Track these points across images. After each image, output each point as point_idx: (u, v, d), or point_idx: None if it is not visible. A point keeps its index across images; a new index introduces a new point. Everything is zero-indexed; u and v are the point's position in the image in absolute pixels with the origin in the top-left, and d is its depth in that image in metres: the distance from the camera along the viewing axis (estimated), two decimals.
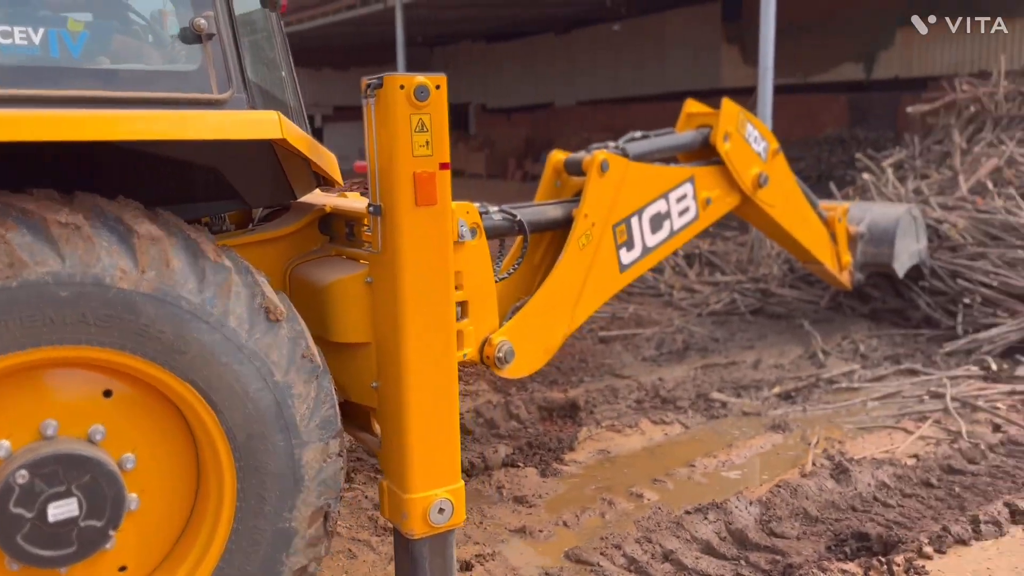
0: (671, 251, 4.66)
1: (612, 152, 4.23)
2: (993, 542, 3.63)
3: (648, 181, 4.37)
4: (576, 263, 3.89)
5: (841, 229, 6.28)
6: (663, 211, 4.47)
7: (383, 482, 2.65)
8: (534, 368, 3.78)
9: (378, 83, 2.41)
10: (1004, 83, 10.51)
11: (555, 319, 3.81)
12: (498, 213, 3.67)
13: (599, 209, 4.00)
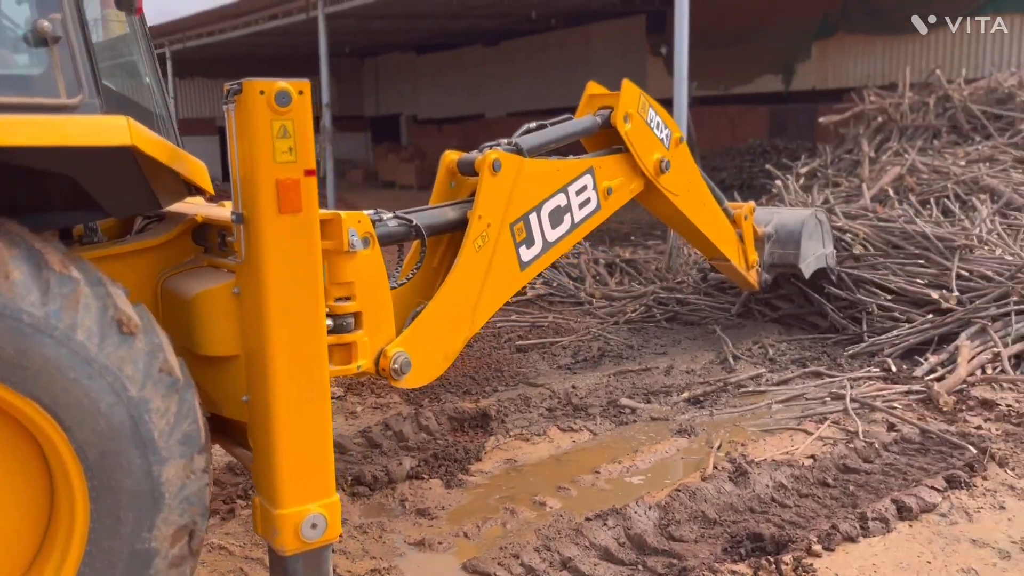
0: (574, 243, 4.61)
1: (505, 150, 4.15)
2: (880, 539, 3.72)
3: (545, 176, 4.30)
4: (473, 266, 3.83)
5: (748, 227, 6.34)
6: (563, 205, 4.39)
7: (255, 498, 2.58)
8: (434, 376, 3.74)
9: (237, 88, 2.35)
10: (909, 94, 10.90)
11: (454, 324, 3.76)
12: (393, 219, 3.62)
13: (494, 209, 3.93)
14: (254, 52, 26.08)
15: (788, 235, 6.61)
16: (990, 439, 4.70)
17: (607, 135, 5.01)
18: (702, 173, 5.76)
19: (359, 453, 4.89)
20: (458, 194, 4.21)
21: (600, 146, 5.05)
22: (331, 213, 3.06)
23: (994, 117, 10.11)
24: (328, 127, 18.36)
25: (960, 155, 9.37)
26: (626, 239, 12.84)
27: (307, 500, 2.49)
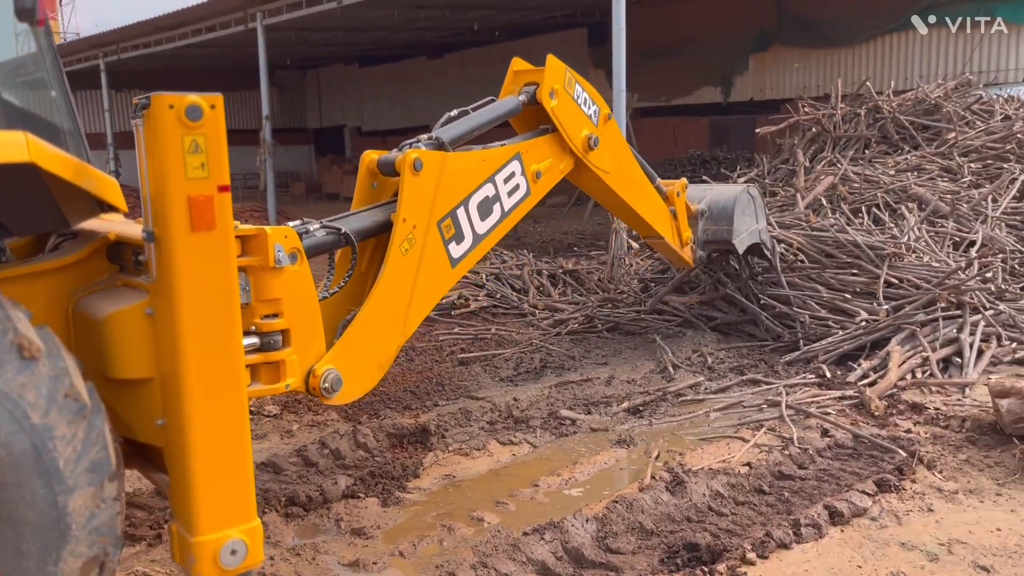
0: (506, 231, 4.50)
1: (426, 146, 4.03)
2: (813, 544, 3.76)
3: (470, 169, 4.17)
4: (401, 271, 3.72)
5: (681, 204, 6.32)
6: (491, 195, 4.27)
7: (172, 525, 2.49)
8: (368, 387, 3.66)
9: (146, 103, 2.28)
10: (841, 105, 11.15)
11: (386, 332, 3.67)
12: (321, 229, 3.55)
13: (418, 211, 3.81)
14: (192, 64, 25.66)
15: (721, 211, 6.61)
16: (919, 442, 4.79)
17: (534, 114, 4.88)
18: (633, 151, 5.69)
19: (294, 473, 4.79)
20: (381, 195, 4.08)
21: (528, 126, 4.94)
22: (256, 228, 2.99)
23: (922, 127, 10.41)
24: (269, 140, 18.13)
25: (890, 164, 9.62)
26: (569, 250, 12.91)
27: (226, 525, 2.42)
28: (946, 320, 6.41)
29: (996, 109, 10.77)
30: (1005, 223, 8.46)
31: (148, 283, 2.46)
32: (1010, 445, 4.60)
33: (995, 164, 9.51)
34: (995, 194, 8.75)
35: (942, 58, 15.84)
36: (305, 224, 3.55)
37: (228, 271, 2.38)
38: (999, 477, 4.38)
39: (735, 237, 6.59)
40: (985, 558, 3.59)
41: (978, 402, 5.39)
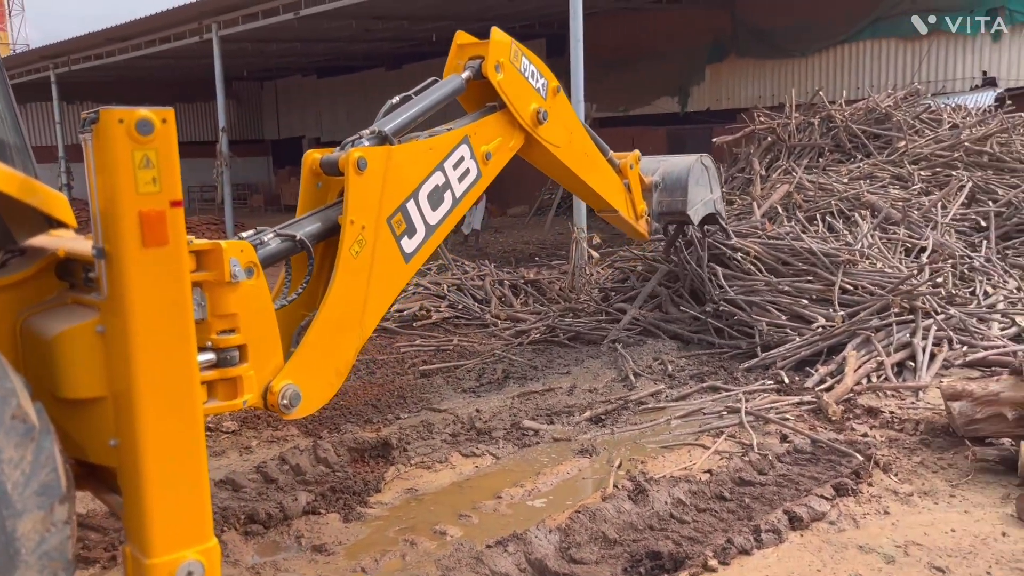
0: (460, 217, 4.38)
1: (369, 142, 3.90)
2: (773, 549, 3.79)
3: (418, 159, 4.03)
4: (353, 274, 3.61)
5: (634, 177, 6.24)
6: (441, 183, 4.15)
7: (125, 548, 2.44)
8: (328, 397, 3.59)
9: (94, 117, 2.24)
10: (795, 115, 11.36)
11: (342, 338, 3.57)
12: (275, 237, 3.48)
13: (366, 211, 3.68)
14: (146, 75, 25.30)
15: (675, 182, 6.59)
16: (875, 446, 4.87)
17: (480, 89, 4.73)
18: (584, 123, 5.60)
19: (253, 490, 4.71)
20: (327, 195, 3.95)
21: (475, 102, 4.79)
22: (211, 243, 2.94)
23: (873, 136, 10.64)
24: (225, 151, 17.93)
25: (843, 172, 9.81)
26: (530, 260, 12.95)
27: (182, 547, 2.36)
28: (899, 325, 6.54)
29: (944, 118, 11.05)
30: (954, 229, 8.67)
31: (99, 300, 2.41)
32: (962, 447, 4.69)
33: (944, 172, 9.75)
34: (944, 201, 8.96)
35: (891, 68, 16.21)
36: (259, 234, 3.48)
37: (181, 287, 2.34)
38: (952, 479, 4.47)
39: (690, 208, 6.59)
40: (940, 559, 3.65)
41: (931, 405, 5.50)
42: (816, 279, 7.25)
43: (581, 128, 5.51)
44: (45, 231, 2.66)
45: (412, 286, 10.00)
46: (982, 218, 8.84)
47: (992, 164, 9.99)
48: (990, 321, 6.99)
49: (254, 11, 16.34)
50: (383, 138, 4.00)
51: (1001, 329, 6.89)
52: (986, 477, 4.46)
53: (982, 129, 10.52)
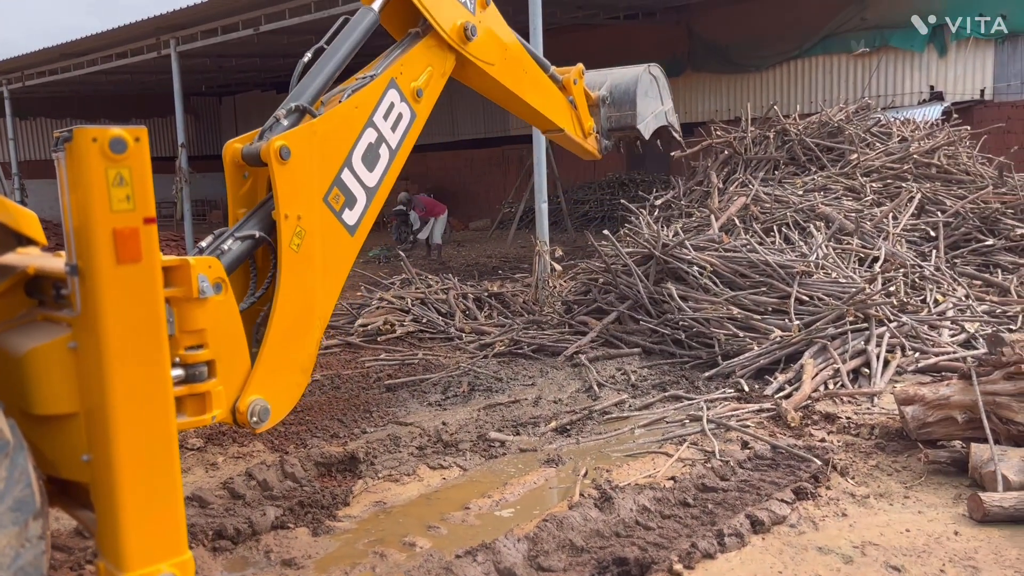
0: (400, 167, 4.15)
1: (288, 121, 3.67)
2: (736, 553, 3.89)
3: (345, 123, 3.77)
4: (299, 270, 3.48)
5: (579, 93, 5.98)
6: (374, 140, 3.90)
7: (100, 563, 2.45)
8: (296, 398, 3.59)
9: (68, 136, 2.27)
10: (751, 128, 11.60)
11: (300, 335, 3.51)
12: (235, 242, 3.45)
13: (299, 200, 3.49)
14: (103, 91, 24.98)
15: (623, 95, 6.35)
16: (832, 450, 5.01)
17: (401, 10, 4.41)
18: (520, 39, 5.31)
19: (221, 506, 4.70)
20: (257, 185, 3.76)
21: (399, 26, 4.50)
22: (179, 259, 2.97)
23: (826, 149, 10.91)
24: (184, 167, 17.76)
25: (798, 184, 10.05)
26: (494, 273, 13.03)
27: (156, 560, 2.38)
28: (854, 333, 6.73)
29: (894, 131, 11.37)
30: (905, 239, 8.93)
31: (71, 317, 2.43)
32: (915, 450, 4.85)
33: (894, 183, 10.03)
34: (895, 212, 9.23)
35: (843, 83, 16.64)
36: (217, 240, 3.47)
37: (155, 303, 2.37)
38: (906, 480, 4.62)
39: (640, 122, 6.36)
40: (896, 558, 3.78)
41: (885, 410, 5.67)
42: (773, 290, 7.43)
43: (516, 43, 5.20)
44: (13, 248, 2.67)
45: (375, 300, 10.03)
46: (931, 228, 9.12)
47: (940, 176, 10.31)
48: (941, 328, 7.22)
49: (213, 27, 16.26)
50: (302, 112, 3.74)
51: (951, 336, 7.12)
52: (938, 478, 4.62)
53: (930, 142, 10.85)
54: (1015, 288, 8.23)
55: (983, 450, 4.44)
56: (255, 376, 3.30)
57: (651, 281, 8.01)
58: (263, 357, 3.34)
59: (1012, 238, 9.02)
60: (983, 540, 3.91)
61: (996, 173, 10.35)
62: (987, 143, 11.81)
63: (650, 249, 8.16)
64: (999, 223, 9.21)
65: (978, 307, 7.73)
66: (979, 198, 9.46)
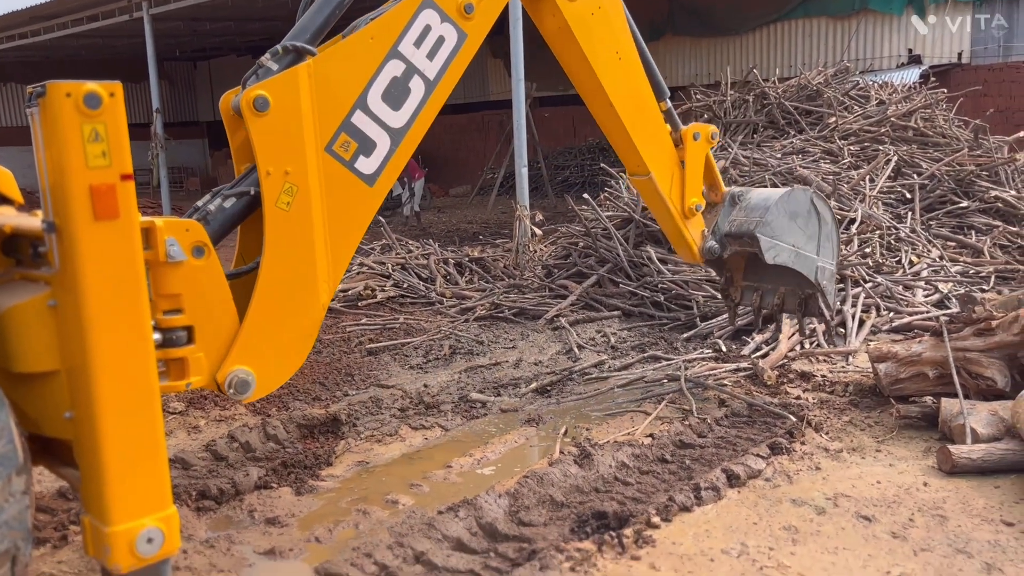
0: (442, 102, 3.59)
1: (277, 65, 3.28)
2: (712, 506, 3.98)
3: (356, 59, 3.30)
4: (290, 231, 3.18)
5: (695, 154, 4.79)
6: (400, 73, 3.40)
7: (85, 518, 2.47)
8: (297, 364, 3.38)
9: (41, 91, 2.25)
10: (731, 92, 11.60)
11: (296, 300, 3.24)
12: (227, 199, 3.21)
13: (283, 155, 3.15)
14: (74, 55, 24.52)
15: (760, 201, 4.89)
16: (807, 407, 5.11)
17: None
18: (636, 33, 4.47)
19: (204, 467, 4.73)
20: None
21: None
22: (146, 221, 2.79)
23: (805, 112, 10.94)
24: (160, 133, 17.53)
25: (777, 148, 10.09)
26: (474, 238, 13.03)
27: (141, 514, 2.41)
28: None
29: (872, 94, 11.42)
30: (881, 201, 9.02)
31: (50, 275, 2.42)
32: (888, 405, 4.96)
33: (872, 146, 10.09)
34: (872, 174, 9.30)
35: (822, 46, 16.64)
36: (215, 196, 3.25)
37: (134, 260, 2.37)
38: (879, 435, 4.73)
39: (763, 232, 4.78)
40: (867, 508, 3.88)
41: (860, 368, 5.77)
42: None
43: (625, 23, 4.37)
44: None
45: (355, 266, 10.02)
46: (907, 190, 9.21)
47: (916, 139, 10.38)
48: (915, 288, 7.33)
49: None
50: (297, 53, 3.32)
51: (925, 296, 7.23)
52: (909, 432, 4.73)
53: (907, 105, 10.91)
54: (988, 249, 8.35)
55: (953, 404, 4.54)
56: (237, 346, 3.12)
57: (631, 245, 8.06)
58: (247, 326, 3.14)
59: (986, 200, 9.12)
60: (951, 491, 4.02)
61: (972, 136, 10.44)
62: (963, 106, 11.89)
63: (630, 213, 8.20)
64: (974, 185, 9.31)
65: (952, 268, 7.84)
66: (955, 161, 9.54)
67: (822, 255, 5.02)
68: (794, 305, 5.18)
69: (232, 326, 3.10)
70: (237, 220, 3.26)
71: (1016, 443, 4.16)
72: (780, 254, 4.85)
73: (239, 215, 3.24)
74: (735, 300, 5.43)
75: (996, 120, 12.00)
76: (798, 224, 4.91)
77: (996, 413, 4.38)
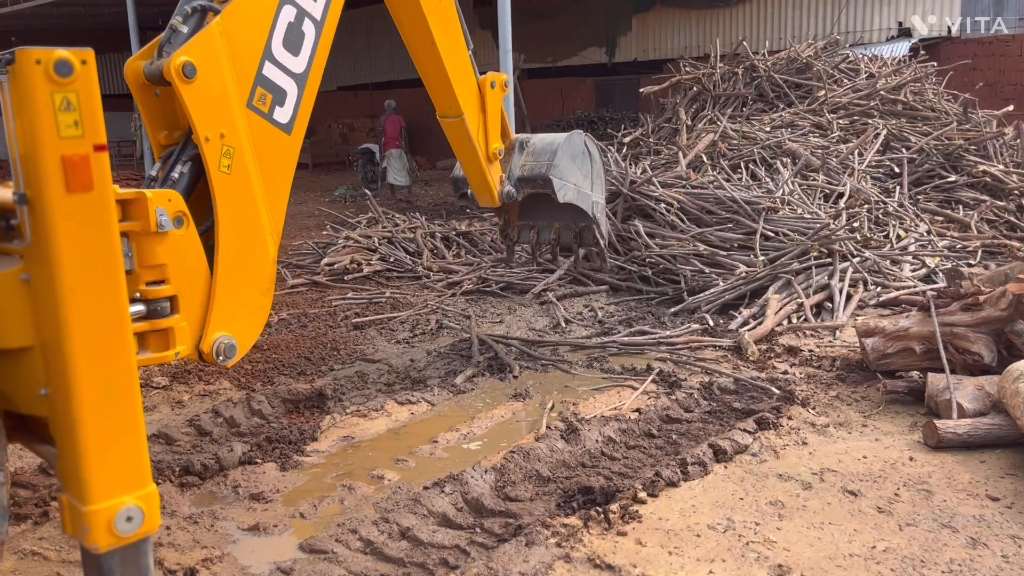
0: (330, 42, 3.75)
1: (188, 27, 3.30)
2: (699, 481, 3.97)
3: (253, 12, 3.37)
4: (234, 191, 3.24)
5: (494, 101, 5.20)
6: (293, 17, 3.52)
7: (63, 496, 2.42)
8: (264, 320, 3.48)
9: (10, 58, 2.17)
10: (720, 64, 11.51)
11: (253, 257, 3.34)
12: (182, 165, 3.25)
13: (217, 118, 3.19)
14: (56, 25, 24.08)
15: (545, 146, 5.32)
16: (794, 382, 5.11)
17: None
18: None
19: (187, 443, 4.69)
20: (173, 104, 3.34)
21: None
22: (135, 192, 2.89)
23: (795, 86, 10.88)
24: None
25: (765, 121, 10.04)
26: (461, 212, 12.93)
27: (120, 492, 2.36)
28: (818, 268, 6.81)
29: (861, 68, 11.36)
30: (870, 175, 9.00)
31: (22, 248, 2.35)
32: (875, 380, 4.96)
33: (861, 120, 10.06)
34: (861, 148, 9.27)
35: (812, 19, 16.52)
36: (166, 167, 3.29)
37: (109, 232, 2.30)
38: (865, 410, 4.73)
39: (555, 174, 5.22)
40: (853, 483, 3.88)
41: (847, 343, 5.77)
42: (739, 226, 7.47)
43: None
44: None
45: (342, 239, 9.93)
46: (896, 165, 9.19)
47: (905, 112, 10.35)
48: (902, 263, 7.32)
49: None
50: (203, 12, 3.34)
51: (912, 270, 7.24)
52: (896, 407, 4.73)
53: (897, 79, 10.86)
54: (975, 224, 8.35)
55: (939, 379, 4.54)
56: (214, 311, 3.20)
57: (619, 219, 8.02)
58: (217, 290, 3.21)
59: (974, 174, 9.12)
60: (937, 465, 4.03)
61: (961, 110, 10.41)
62: (953, 80, 11.85)
63: (618, 186, 8.14)
64: (962, 160, 9.30)
65: (939, 242, 7.84)
66: (943, 135, 9.52)
67: (595, 191, 5.60)
68: (569, 238, 5.61)
69: (208, 293, 3.16)
70: (195, 185, 3.29)
71: (1002, 418, 4.16)
72: (568, 193, 5.36)
73: (196, 179, 3.28)
74: (513, 239, 5.81)
75: (985, 94, 11.98)
76: (577, 164, 5.43)
77: (982, 388, 4.38)
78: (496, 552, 3.34)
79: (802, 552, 3.31)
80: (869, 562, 3.22)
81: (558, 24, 20.11)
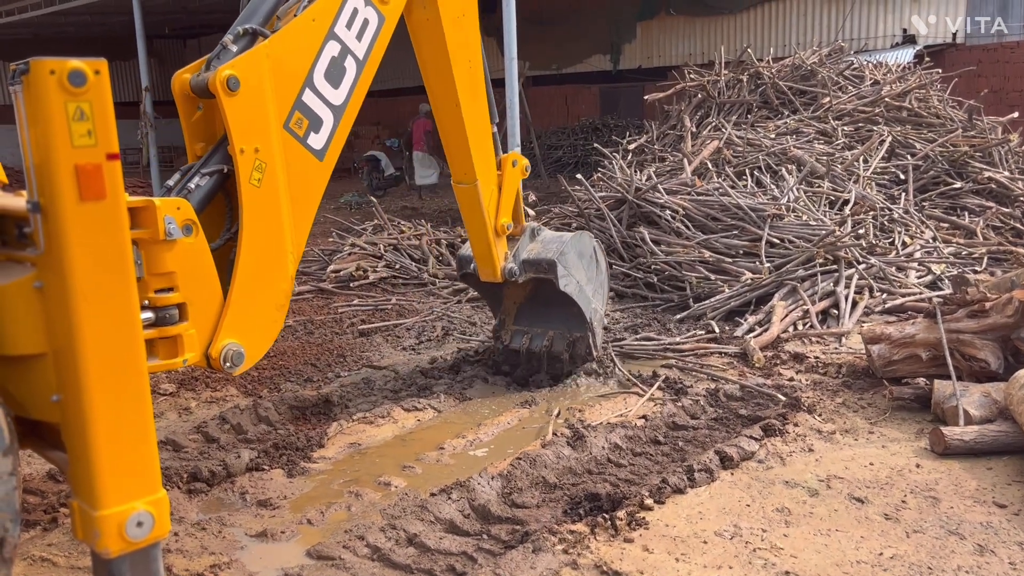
0: (369, 81, 3.90)
1: (237, 47, 3.47)
2: (706, 488, 3.97)
3: (302, 40, 3.55)
4: (262, 206, 3.36)
5: (510, 179, 5.24)
6: (337, 53, 3.69)
7: (73, 502, 2.44)
8: (275, 335, 3.54)
9: (25, 68, 2.20)
10: (724, 72, 11.53)
11: (271, 273, 3.41)
12: (202, 178, 3.33)
13: (254, 132, 3.33)
14: (64, 33, 24.22)
15: (554, 239, 5.43)
16: (800, 389, 5.11)
17: None
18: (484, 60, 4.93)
19: (195, 449, 4.71)
20: (213, 117, 3.53)
21: None
22: (144, 200, 2.93)
23: (799, 92, 10.89)
24: (150, 112, 17.37)
25: (770, 128, 10.04)
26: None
27: (131, 498, 2.38)
28: (824, 275, 6.82)
29: (866, 74, 11.36)
30: (875, 182, 9.00)
31: (35, 256, 2.38)
32: (881, 387, 4.96)
33: (866, 127, 10.06)
34: (866, 155, 9.27)
35: (816, 26, 16.55)
36: (184, 177, 3.37)
37: (121, 241, 2.32)
38: (871, 417, 4.73)
39: (559, 260, 5.22)
40: (860, 490, 3.88)
41: (853, 349, 5.77)
42: (744, 233, 7.47)
43: (477, 34, 4.81)
44: None
45: (347, 246, 9.96)
46: (901, 171, 9.19)
47: (911, 119, 10.35)
48: (908, 270, 7.32)
49: None
50: (253, 35, 3.54)
51: (918, 277, 7.24)
52: (902, 414, 4.73)
53: (901, 85, 10.86)
54: (981, 230, 8.35)
55: (946, 386, 4.54)
56: (226, 319, 3.25)
57: (624, 225, 8.04)
58: (233, 299, 3.28)
59: (979, 181, 9.11)
60: (943, 472, 4.03)
61: (966, 116, 10.42)
62: (958, 86, 11.85)
63: (623, 193, 8.16)
64: (967, 166, 9.30)
65: (945, 249, 7.84)
66: (948, 141, 9.52)
67: (595, 298, 5.59)
68: (562, 347, 5.53)
69: (218, 301, 3.21)
70: (212, 197, 3.35)
71: (1009, 425, 4.16)
72: (569, 284, 5.33)
73: (213, 192, 3.34)
74: (505, 342, 5.75)
75: (990, 100, 11.99)
76: (583, 264, 5.48)
77: (989, 395, 4.38)
78: (503, 559, 3.34)
79: (809, 559, 3.31)
80: (876, 569, 3.22)
81: (563, 31, 20.17)
